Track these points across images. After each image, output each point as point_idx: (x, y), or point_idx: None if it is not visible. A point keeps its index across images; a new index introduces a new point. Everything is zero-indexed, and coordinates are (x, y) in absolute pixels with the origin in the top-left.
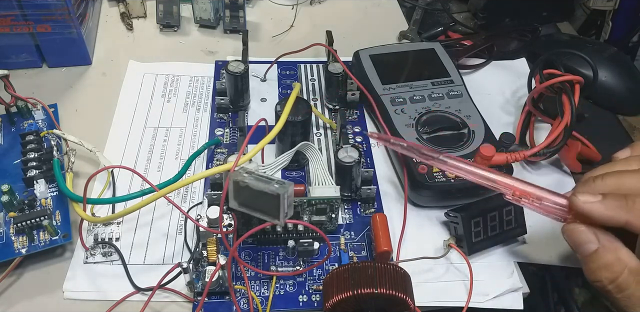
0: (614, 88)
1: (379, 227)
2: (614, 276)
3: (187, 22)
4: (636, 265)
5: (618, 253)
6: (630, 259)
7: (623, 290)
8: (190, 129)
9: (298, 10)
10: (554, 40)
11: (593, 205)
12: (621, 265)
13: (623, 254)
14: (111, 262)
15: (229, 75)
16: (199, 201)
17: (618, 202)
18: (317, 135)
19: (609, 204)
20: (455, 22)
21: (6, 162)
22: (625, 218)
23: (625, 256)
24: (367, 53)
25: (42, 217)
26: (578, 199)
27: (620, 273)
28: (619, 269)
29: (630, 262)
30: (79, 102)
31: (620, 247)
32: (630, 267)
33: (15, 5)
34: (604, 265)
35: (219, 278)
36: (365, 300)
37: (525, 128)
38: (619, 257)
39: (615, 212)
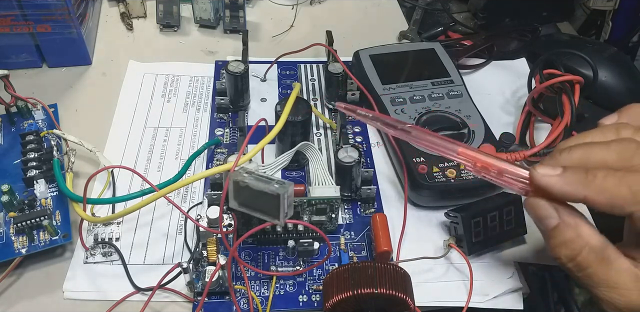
0: (614, 88)
1: (379, 227)
2: (573, 253)
3: (187, 22)
4: (597, 243)
5: (579, 230)
6: (592, 237)
7: (583, 269)
8: (190, 129)
9: (298, 10)
10: (554, 40)
11: (551, 179)
12: (581, 242)
13: (584, 231)
14: (111, 262)
15: (229, 75)
16: (199, 201)
17: (577, 177)
18: (317, 135)
19: (567, 178)
20: (455, 22)
21: (6, 162)
22: (583, 193)
23: (586, 233)
24: (367, 53)
25: (42, 217)
26: (537, 172)
27: (580, 251)
28: (579, 246)
29: (591, 240)
30: (79, 102)
31: (582, 224)
32: (592, 245)
33: (15, 5)
34: (563, 242)
35: (219, 278)
36: (365, 300)
37: (525, 128)
38: (579, 234)
39: (573, 187)
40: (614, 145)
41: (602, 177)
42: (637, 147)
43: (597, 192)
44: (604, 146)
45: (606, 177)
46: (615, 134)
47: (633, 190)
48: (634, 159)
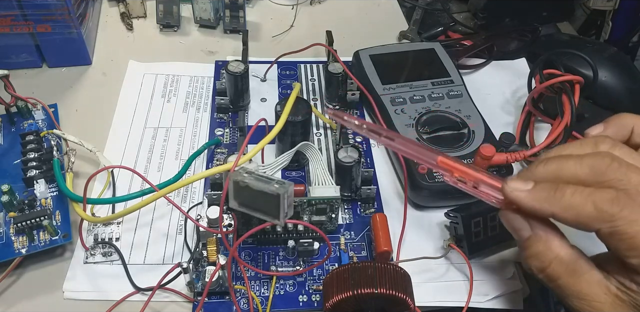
0: (614, 88)
1: (379, 227)
2: (543, 265)
3: (187, 22)
4: (567, 255)
5: (549, 243)
6: (561, 249)
7: (553, 280)
8: (190, 129)
9: (298, 10)
10: (554, 40)
11: (520, 194)
12: (550, 255)
13: (554, 244)
14: (111, 262)
15: (229, 75)
16: (199, 201)
17: (545, 193)
18: (317, 135)
19: (536, 194)
20: (455, 22)
21: (6, 162)
22: (551, 210)
23: (556, 245)
24: (367, 53)
25: (42, 217)
26: (508, 186)
27: (549, 263)
28: (548, 259)
29: (560, 252)
30: (79, 102)
31: (552, 237)
32: (560, 257)
33: (15, 5)
34: (535, 254)
35: (219, 278)
36: (365, 300)
37: (525, 128)
38: (549, 246)
39: (541, 204)
40: (587, 160)
41: (569, 195)
42: (610, 162)
43: (563, 210)
44: (578, 160)
45: (574, 194)
46: (593, 147)
47: (598, 207)
48: (605, 175)
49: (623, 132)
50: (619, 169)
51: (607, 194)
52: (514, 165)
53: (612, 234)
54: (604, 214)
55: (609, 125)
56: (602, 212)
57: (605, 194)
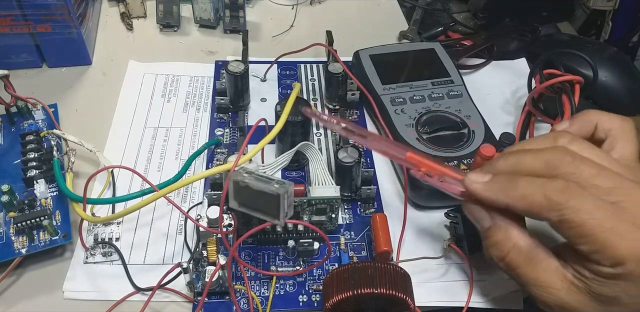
0: (614, 88)
1: (379, 227)
2: (502, 254)
3: (187, 22)
4: (525, 244)
5: (508, 232)
6: (520, 238)
7: (512, 268)
8: (190, 129)
9: (298, 10)
10: (554, 40)
11: (478, 186)
12: (509, 244)
13: (513, 233)
14: (111, 262)
15: (229, 75)
16: (199, 201)
17: (500, 185)
18: (317, 136)
19: (492, 186)
20: (455, 22)
21: (6, 162)
22: (505, 201)
23: (514, 235)
24: (367, 53)
25: (42, 217)
26: (467, 178)
27: (508, 252)
28: (507, 248)
29: (519, 241)
30: (79, 102)
31: (512, 226)
32: (519, 246)
33: (15, 5)
34: (494, 243)
35: (219, 278)
36: (365, 300)
37: (525, 128)
38: (507, 236)
39: (496, 195)
40: (544, 154)
41: (522, 185)
42: (563, 156)
43: (516, 199)
44: (535, 154)
45: (526, 185)
46: (552, 141)
47: (547, 197)
48: (558, 168)
49: (587, 127)
50: (572, 163)
51: (558, 184)
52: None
53: (561, 222)
54: (552, 203)
55: (574, 121)
56: (551, 202)
57: (556, 184)
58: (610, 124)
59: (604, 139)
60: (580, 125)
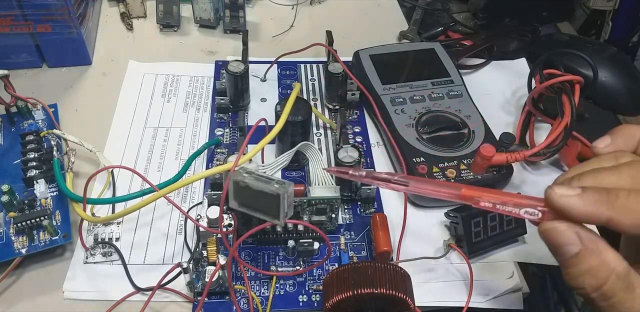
0: (614, 88)
1: (379, 227)
2: (599, 283)
3: (187, 22)
4: (624, 269)
5: (603, 256)
6: (617, 263)
7: (609, 298)
8: (190, 129)
9: (298, 10)
10: (554, 40)
11: (570, 199)
12: (607, 270)
13: (609, 257)
14: (111, 262)
15: (229, 75)
16: (199, 201)
17: (599, 196)
18: (317, 135)
19: (589, 198)
20: (455, 22)
21: (6, 162)
22: (607, 214)
23: (611, 259)
24: (367, 53)
25: (42, 217)
26: (555, 192)
27: (606, 279)
28: (605, 275)
29: (617, 266)
30: (79, 102)
31: (606, 249)
32: (618, 272)
33: (15, 5)
34: (587, 270)
35: (219, 278)
36: (365, 300)
37: (525, 128)
38: (604, 260)
39: (596, 208)
40: (625, 170)
41: (624, 197)
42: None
43: (622, 212)
44: (615, 171)
45: (629, 196)
46: (615, 161)
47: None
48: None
49: (631, 142)
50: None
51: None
52: (514, 165)
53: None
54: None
55: (615, 136)
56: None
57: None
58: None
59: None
60: (623, 141)
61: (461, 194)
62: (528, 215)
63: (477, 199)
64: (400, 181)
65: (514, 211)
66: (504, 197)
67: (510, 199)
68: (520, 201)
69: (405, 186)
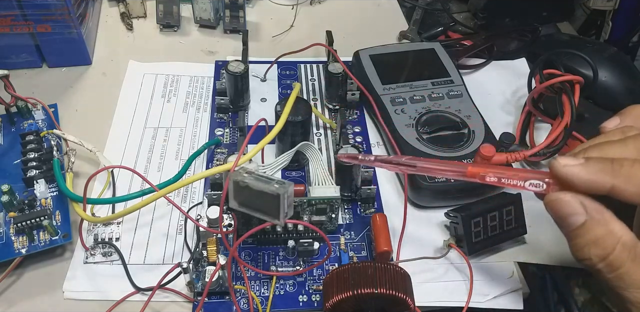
0: (614, 88)
1: (379, 227)
2: (605, 252)
3: (187, 22)
4: (630, 239)
5: (609, 225)
6: (624, 232)
7: (616, 269)
8: (190, 129)
9: (298, 10)
10: (554, 40)
11: (574, 168)
12: (613, 239)
13: (615, 226)
14: (111, 262)
15: (229, 75)
16: (199, 201)
17: (603, 165)
18: (317, 135)
19: (592, 167)
20: (455, 22)
21: (6, 162)
22: (610, 183)
23: (617, 228)
24: (367, 53)
25: (42, 217)
26: (558, 162)
27: (613, 249)
28: (611, 244)
29: (624, 235)
30: (79, 102)
31: (612, 219)
32: (624, 241)
33: (15, 5)
34: (594, 240)
35: (219, 278)
36: (365, 300)
37: (525, 128)
38: (610, 230)
39: (599, 176)
40: (631, 142)
41: (629, 165)
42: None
43: (625, 181)
44: (621, 143)
45: (633, 165)
46: (622, 136)
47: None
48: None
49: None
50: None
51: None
52: (514, 165)
53: None
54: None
55: (624, 116)
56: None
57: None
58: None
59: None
60: (632, 120)
61: (467, 171)
62: (533, 187)
63: (483, 174)
64: (408, 162)
65: (519, 183)
66: (509, 172)
67: (515, 173)
68: (525, 175)
69: (414, 167)
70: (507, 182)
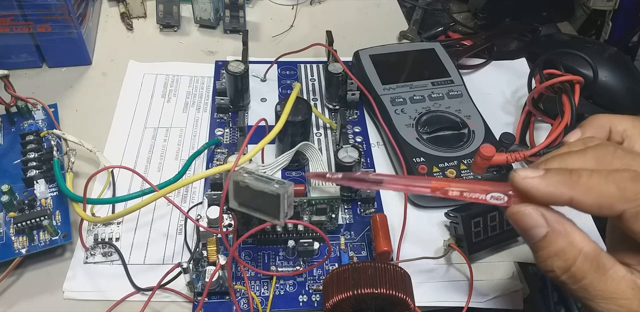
0: (614, 88)
1: (379, 227)
2: (567, 264)
3: (187, 22)
4: (592, 249)
5: (570, 237)
6: (585, 243)
7: (579, 280)
8: (190, 129)
9: (298, 10)
10: (554, 40)
11: (533, 180)
12: (575, 251)
13: (576, 238)
14: (111, 262)
15: (229, 75)
16: (199, 201)
17: (561, 177)
18: (317, 135)
19: (551, 178)
20: (455, 22)
21: (6, 162)
22: (569, 194)
23: (579, 239)
24: (367, 53)
25: (42, 217)
26: (518, 175)
27: (574, 260)
28: (573, 255)
29: (585, 246)
30: (79, 102)
31: (573, 230)
32: (586, 252)
33: (15, 5)
34: (555, 252)
35: (219, 278)
36: (365, 300)
37: (525, 128)
38: (571, 241)
39: (558, 188)
40: (590, 152)
41: (587, 176)
42: (614, 150)
43: (583, 192)
44: (580, 153)
45: (591, 175)
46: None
47: (621, 187)
48: (613, 162)
49: (602, 133)
50: (626, 156)
51: (627, 173)
52: (514, 165)
53: (638, 214)
54: (627, 192)
55: (585, 128)
56: (625, 191)
57: (625, 173)
58: (624, 126)
59: (621, 142)
60: (594, 132)
61: (431, 186)
62: (495, 200)
63: (446, 189)
64: (374, 179)
65: (481, 197)
66: (471, 185)
67: (477, 186)
68: (486, 187)
69: (380, 184)
70: (469, 196)
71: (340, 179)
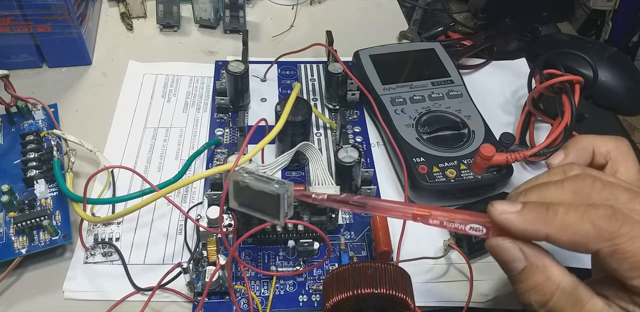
0: (614, 88)
1: (379, 227)
2: (544, 299)
3: (187, 22)
4: (569, 284)
5: (548, 271)
6: (563, 278)
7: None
8: (190, 129)
9: (298, 10)
10: (554, 40)
11: (510, 216)
12: (552, 286)
13: (554, 273)
14: (111, 262)
15: (229, 75)
16: (199, 201)
17: (536, 213)
18: (317, 135)
19: (527, 215)
20: (455, 22)
21: (6, 162)
22: (544, 231)
23: (556, 273)
24: (367, 53)
25: (42, 217)
26: (495, 209)
27: (552, 295)
28: (550, 290)
29: (562, 281)
30: (79, 102)
31: (552, 264)
32: (563, 287)
33: (15, 5)
34: (533, 286)
35: (219, 278)
36: (365, 300)
37: (525, 128)
38: (548, 276)
39: (534, 225)
40: (568, 184)
41: (563, 213)
42: (592, 183)
43: (558, 230)
44: (558, 186)
45: (567, 212)
46: (562, 175)
47: (596, 225)
48: (591, 196)
49: (585, 155)
50: (604, 189)
51: (604, 211)
52: (514, 165)
53: (613, 253)
54: (603, 231)
55: (568, 150)
56: (601, 230)
57: (602, 211)
58: (607, 147)
59: (604, 164)
60: (577, 154)
61: (412, 213)
62: (474, 231)
63: (427, 216)
64: (358, 202)
65: (461, 227)
66: (451, 215)
67: (457, 216)
68: (466, 218)
69: (363, 207)
70: (449, 226)
71: (325, 200)
